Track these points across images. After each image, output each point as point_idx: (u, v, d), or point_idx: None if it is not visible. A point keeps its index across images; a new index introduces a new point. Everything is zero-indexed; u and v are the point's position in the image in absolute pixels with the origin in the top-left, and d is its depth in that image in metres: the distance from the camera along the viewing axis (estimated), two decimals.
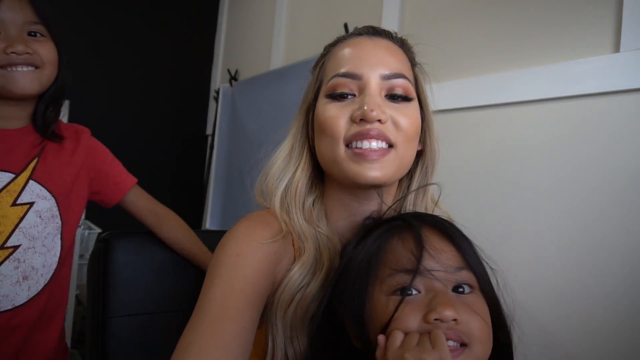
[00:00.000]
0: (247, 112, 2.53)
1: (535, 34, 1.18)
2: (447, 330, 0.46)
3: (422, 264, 0.49)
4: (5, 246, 0.79)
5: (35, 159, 0.84)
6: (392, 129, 0.59)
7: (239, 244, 0.59)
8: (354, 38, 0.66)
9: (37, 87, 0.82)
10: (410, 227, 0.53)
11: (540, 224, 1.10)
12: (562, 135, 1.09)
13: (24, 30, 0.79)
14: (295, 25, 2.35)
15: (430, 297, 0.48)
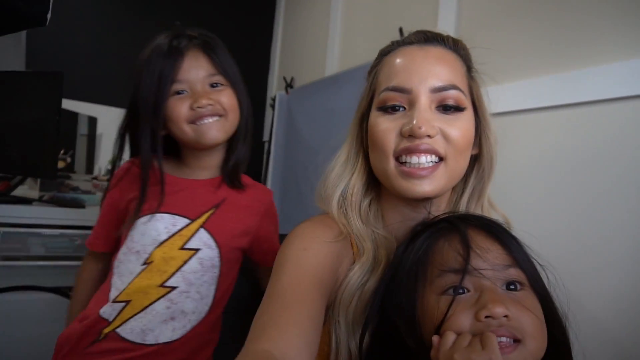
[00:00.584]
0: (302, 119, 2.58)
1: (603, 29, 1.13)
2: (498, 328, 0.46)
3: (469, 264, 0.49)
4: (164, 285, 0.83)
5: (212, 210, 0.88)
6: (441, 142, 0.59)
7: (305, 239, 0.61)
8: (405, 47, 0.66)
9: (223, 135, 0.87)
10: (456, 228, 0.53)
11: (609, 227, 1.05)
12: (631, 136, 1.03)
13: (205, 83, 0.86)
14: (349, 30, 2.37)
15: (480, 295, 0.48)
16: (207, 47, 0.89)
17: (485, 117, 0.65)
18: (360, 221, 0.66)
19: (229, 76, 0.89)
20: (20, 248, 1.56)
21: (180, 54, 0.84)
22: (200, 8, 3.10)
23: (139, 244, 0.84)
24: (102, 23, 2.78)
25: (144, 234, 0.84)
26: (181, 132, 0.85)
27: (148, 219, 0.85)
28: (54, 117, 1.54)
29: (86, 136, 2.55)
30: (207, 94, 0.84)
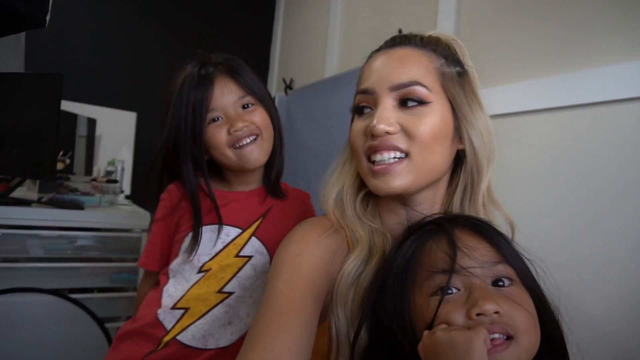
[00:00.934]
0: (302, 120, 2.58)
1: (604, 31, 1.13)
2: (490, 325, 0.46)
3: (457, 263, 0.50)
4: (222, 291, 0.87)
5: (260, 219, 0.92)
6: (402, 138, 0.61)
7: (300, 244, 0.63)
8: (375, 54, 0.68)
9: (264, 156, 0.92)
10: (443, 229, 0.54)
11: (610, 229, 1.05)
12: (633, 138, 1.04)
13: (238, 106, 0.90)
14: (349, 32, 2.37)
15: (469, 293, 0.49)
16: (232, 71, 0.93)
17: (464, 112, 0.64)
18: (356, 214, 0.68)
19: (257, 95, 0.94)
20: (19, 249, 1.55)
21: (210, 83, 0.88)
22: (200, 10, 3.11)
23: (193, 254, 0.88)
24: (102, 25, 2.78)
25: (198, 245, 0.88)
26: (225, 157, 0.89)
27: (202, 231, 0.88)
28: (53, 118, 1.54)
29: (85, 137, 2.54)
30: (240, 116, 0.88)
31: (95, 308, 1.46)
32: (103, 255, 1.68)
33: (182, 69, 0.96)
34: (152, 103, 2.93)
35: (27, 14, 1.35)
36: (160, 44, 2.96)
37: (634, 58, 1.04)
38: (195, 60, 0.96)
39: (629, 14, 1.07)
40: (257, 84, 0.96)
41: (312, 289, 0.58)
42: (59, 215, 1.60)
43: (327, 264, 0.62)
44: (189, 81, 0.91)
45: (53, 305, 1.41)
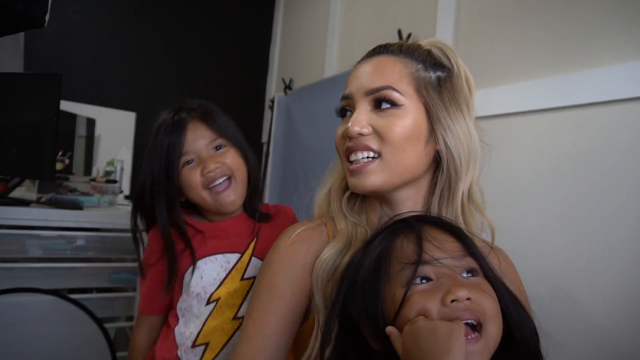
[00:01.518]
0: (301, 120, 2.58)
1: (602, 31, 1.13)
2: (464, 312, 0.49)
3: (427, 253, 0.53)
4: (237, 317, 0.89)
5: (254, 239, 0.95)
6: (374, 139, 0.65)
7: (274, 274, 0.69)
8: (358, 63, 0.73)
9: (239, 198, 0.94)
10: (412, 226, 0.57)
11: (608, 228, 1.05)
12: (631, 138, 1.04)
13: (209, 149, 0.93)
14: (348, 32, 2.37)
15: (442, 282, 0.51)
16: (205, 116, 0.96)
17: (437, 115, 0.67)
18: (340, 210, 0.72)
19: (229, 137, 0.97)
20: (18, 250, 1.55)
21: (183, 128, 0.92)
22: (199, 10, 3.11)
23: (198, 287, 0.89)
24: (101, 25, 2.78)
25: (202, 277, 0.89)
26: (200, 198, 0.91)
27: (203, 263, 0.90)
28: (53, 118, 1.54)
29: (85, 138, 2.54)
30: (212, 158, 0.91)
31: (95, 308, 1.46)
32: (102, 256, 1.68)
33: (159, 115, 0.99)
34: (151, 103, 2.93)
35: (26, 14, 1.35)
36: (159, 44, 2.97)
37: (633, 58, 1.04)
38: (170, 107, 0.99)
39: (629, 14, 1.07)
40: (230, 127, 1.00)
41: (286, 313, 0.66)
42: (58, 215, 1.60)
43: (304, 283, 0.67)
44: (163, 127, 0.94)
45: (52, 305, 1.41)
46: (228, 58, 3.21)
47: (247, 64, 3.32)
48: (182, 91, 0.87)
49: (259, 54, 3.36)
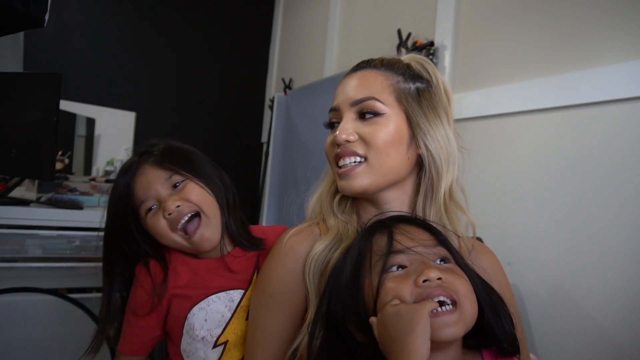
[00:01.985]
0: (301, 120, 2.58)
1: (600, 32, 1.13)
2: (435, 289, 0.52)
3: (400, 243, 0.58)
4: None
5: (255, 271, 0.88)
6: (360, 145, 0.71)
7: (271, 283, 0.73)
8: (344, 77, 0.79)
9: (214, 233, 0.85)
10: (385, 223, 0.62)
11: (606, 228, 1.06)
12: (628, 138, 1.04)
13: (167, 189, 0.84)
14: (348, 32, 2.37)
15: (415, 266, 0.55)
16: (157, 158, 0.87)
17: (418, 121, 0.72)
18: (331, 210, 0.77)
19: (187, 170, 0.87)
20: (17, 249, 1.55)
21: (132, 175, 0.85)
22: (199, 10, 3.11)
23: (203, 329, 0.83)
24: (101, 24, 2.78)
25: (206, 319, 0.83)
26: (175, 243, 0.84)
27: (205, 304, 0.84)
28: (52, 118, 1.54)
29: (84, 137, 2.54)
30: (171, 197, 0.83)
31: (94, 308, 1.46)
32: (102, 255, 1.68)
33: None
34: (151, 103, 2.93)
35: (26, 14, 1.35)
36: (159, 44, 2.97)
37: (633, 58, 1.04)
38: (134, 155, 0.90)
39: (628, 14, 1.07)
40: (185, 160, 0.90)
41: (285, 322, 0.70)
42: (57, 215, 1.60)
43: (300, 289, 0.71)
44: (120, 172, 0.88)
45: (52, 304, 1.42)
46: (228, 58, 3.21)
47: (247, 64, 3.32)
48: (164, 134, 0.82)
49: (258, 53, 3.37)
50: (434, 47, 1.64)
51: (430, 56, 1.63)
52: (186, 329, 0.84)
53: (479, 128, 1.43)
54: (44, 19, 1.42)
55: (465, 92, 1.50)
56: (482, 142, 1.39)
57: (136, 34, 2.89)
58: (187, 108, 3.08)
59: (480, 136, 1.40)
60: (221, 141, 3.21)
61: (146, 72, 2.92)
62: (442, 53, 1.62)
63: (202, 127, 3.14)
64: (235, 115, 3.27)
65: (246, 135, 3.32)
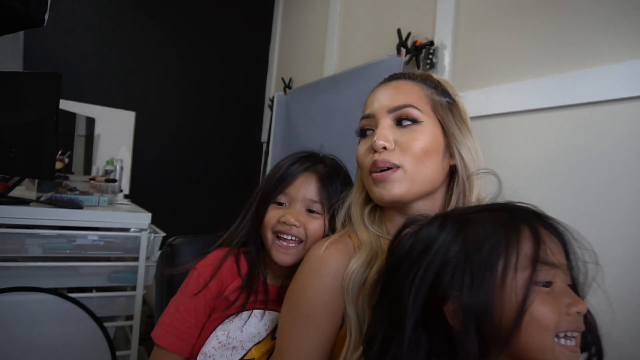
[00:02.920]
0: (300, 119, 2.58)
1: (600, 31, 1.13)
2: (581, 324, 0.51)
3: (552, 254, 0.52)
4: None
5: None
6: (397, 153, 0.70)
7: (309, 300, 0.70)
8: (376, 87, 0.79)
9: (296, 260, 0.83)
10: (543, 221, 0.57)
11: (607, 228, 1.06)
12: (629, 137, 1.04)
13: (302, 205, 0.84)
14: (348, 31, 2.37)
15: (560, 287, 0.52)
16: (323, 171, 0.87)
17: (452, 132, 0.73)
18: (362, 222, 0.76)
19: (329, 206, 0.85)
20: (17, 249, 1.55)
21: (300, 172, 0.86)
22: (199, 10, 3.11)
23: (236, 340, 0.82)
24: (100, 24, 2.78)
25: (242, 330, 0.82)
26: (265, 238, 0.86)
27: (247, 316, 0.83)
28: (52, 117, 1.54)
29: (84, 137, 2.54)
30: (299, 214, 0.84)
31: (94, 307, 1.46)
32: (102, 255, 1.68)
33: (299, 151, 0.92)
34: (151, 102, 2.93)
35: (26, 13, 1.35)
36: (159, 43, 2.97)
37: (631, 57, 1.04)
38: (310, 152, 0.91)
39: (627, 14, 1.07)
40: (335, 196, 0.86)
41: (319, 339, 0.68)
42: (57, 214, 1.60)
43: (337, 300, 0.69)
44: (290, 158, 0.88)
45: (52, 304, 1.42)
46: (228, 57, 3.21)
47: (247, 63, 3.32)
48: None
49: (258, 53, 3.37)
50: (433, 47, 1.64)
51: (430, 55, 1.63)
52: (217, 333, 0.82)
53: (479, 127, 1.43)
54: (43, 18, 1.42)
55: (465, 91, 1.50)
56: (482, 142, 1.39)
57: (136, 33, 2.89)
58: (187, 107, 3.08)
59: (480, 136, 1.39)
60: (221, 140, 3.21)
61: (146, 71, 2.92)
62: (441, 52, 1.62)
63: (202, 126, 3.14)
64: (235, 115, 3.27)
65: (246, 135, 3.32)
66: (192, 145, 3.09)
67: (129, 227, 1.72)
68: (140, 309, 1.70)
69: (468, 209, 0.63)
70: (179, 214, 2.95)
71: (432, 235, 0.57)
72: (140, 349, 1.75)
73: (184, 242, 1.04)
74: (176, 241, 1.03)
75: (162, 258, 1.03)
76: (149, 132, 2.92)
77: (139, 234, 1.70)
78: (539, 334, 0.50)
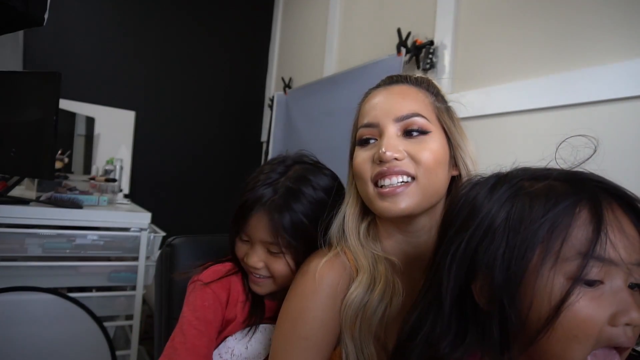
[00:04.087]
0: (300, 119, 2.58)
1: (598, 31, 1.13)
2: (630, 338, 0.41)
3: (614, 247, 0.41)
4: None
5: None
6: (410, 164, 0.66)
7: (307, 323, 0.67)
8: (374, 90, 0.75)
9: (271, 290, 0.81)
10: (623, 201, 0.45)
11: None
12: (627, 137, 1.04)
13: (263, 246, 0.78)
14: (348, 31, 2.37)
15: (617, 292, 0.42)
16: (277, 207, 0.77)
17: (457, 141, 0.71)
18: (359, 241, 0.72)
19: (292, 242, 0.77)
20: (17, 248, 1.55)
21: (250, 210, 0.79)
22: (199, 10, 3.11)
23: (241, 357, 0.78)
24: (100, 23, 2.78)
25: (247, 347, 0.79)
26: (241, 266, 0.83)
27: (252, 331, 0.81)
28: (52, 117, 1.54)
29: (84, 136, 2.54)
30: (259, 259, 0.79)
31: (94, 307, 1.46)
32: (101, 254, 1.68)
33: (266, 166, 0.85)
34: (151, 102, 2.93)
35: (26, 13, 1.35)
36: (159, 43, 2.96)
37: (631, 57, 1.04)
38: (269, 173, 0.81)
39: (626, 13, 1.07)
40: (299, 228, 0.76)
41: (311, 345, 0.65)
42: (57, 214, 1.59)
43: (333, 313, 0.67)
44: (251, 184, 0.80)
45: (52, 304, 1.42)
46: (228, 57, 3.21)
47: (247, 63, 3.32)
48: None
49: (258, 53, 3.36)
50: (433, 46, 1.64)
51: (429, 55, 1.63)
52: (221, 352, 0.79)
53: (479, 127, 1.43)
54: (43, 17, 1.42)
55: (465, 91, 1.50)
56: (482, 141, 1.39)
57: (136, 32, 2.89)
58: (186, 107, 3.08)
59: (479, 135, 1.40)
60: (221, 140, 3.21)
61: (146, 71, 2.92)
62: (441, 52, 1.62)
63: (201, 126, 3.14)
64: (234, 114, 3.27)
65: (246, 134, 3.32)
66: (192, 145, 3.09)
67: (129, 227, 1.71)
68: (140, 309, 1.70)
69: (526, 171, 0.55)
70: (178, 213, 2.95)
71: (480, 200, 0.50)
72: (140, 349, 1.74)
73: (184, 242, 1.04)
74: (176, 241, 1.03)
75: (161, 258, 1.03)
76: (149, 132, 2.92)
77: (138, 233, 1.70)
78: (569, 345, 0.41)
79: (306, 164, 0.83)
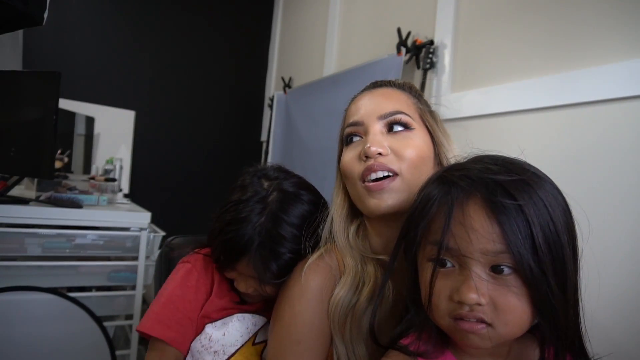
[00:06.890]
0: (300, 119, 2.58)
1: (598, 31, 1.13)
2: (469, 312, 0.48)
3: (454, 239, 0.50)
4: None
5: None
6: (394, 159, 0.67)
7: (298, 327, 0.68)
8: (359, 95, 0.78)
9: (257, 300, 0.84)
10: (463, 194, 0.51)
11: (605, 228, 1.06)
12: (626, 137, 1.04)
13: (252, 285, 0.79)
14: (347, 31, 2.37)
15: (458, 272, 0.50)
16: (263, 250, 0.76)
17: (440, 139, 0.73)
18: (347, 243, 0.73)
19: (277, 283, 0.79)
20: (17, 248, 1.55)
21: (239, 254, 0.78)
22: (199, 9, 3.10)
23: (218, 343, 0.80)
24: (100, 23, 2.78)
25: (224, 334, 0.81)
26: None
27: (230, 319, 0.82)
28: (51, 116, 1.54)
29: (83, 136, 2.54)
30: (248, 287, 0.80)
31: (94, 307, 1.46)
32: (101, 254, 1.68)
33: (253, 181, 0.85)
34: (150, 101, 2.93)
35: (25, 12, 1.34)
36: (159, 42, 2.96)
37: (631, 57, 1.04)
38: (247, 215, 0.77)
39: (625, 13, 1.07)
40: (284, 267, 0.75)
41: (305, 348, 0.66)
42: (57, 213, 1.59)
43: (322, 317, 0.68)
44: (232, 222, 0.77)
45: (51, 303, 1.42)
46: (228, 56, 3.21)
47: (247, 63, 3.32)
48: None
49: (258, 52, 3.36)
50: (433, 46, 1.64)
51: (429, 55, 1.63)
52: (201, 338, 0.81)
53: (479, 127, 1.43)
54: (43, 17, 1.41)
55: (465, 90, 1.50)
56: (482, 141, 1.39)
57: (136, 32, 2.89)
58: (186, 107, 3.08)
59: (479, 135, 1.40)
60: (221, 140, 3.21)
61: (146, 70, 2.92)
62: (441, 52, 1.62)
63: (201, 125, 3.14)
64: (234, 114, 3.27)
65: (246, 134, 3.32)
66: (191, 144, 3.09)
67: (129, 227, 1.71)
68: (139, 308, 1.70)
69: (455, 166, 0.59)
70: (178, 213, 2.95)
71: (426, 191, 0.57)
72: (140, 348, 1.74)
73: (184, 242, 1.04)
74: (175, 240, 1.03)
75: (161, 257, 1.03)
76: (149, 132, 2.92)
77: (138, 233, 1.70)
78: (437, 314, 0.52)
79: (284, 192, 0.80)
